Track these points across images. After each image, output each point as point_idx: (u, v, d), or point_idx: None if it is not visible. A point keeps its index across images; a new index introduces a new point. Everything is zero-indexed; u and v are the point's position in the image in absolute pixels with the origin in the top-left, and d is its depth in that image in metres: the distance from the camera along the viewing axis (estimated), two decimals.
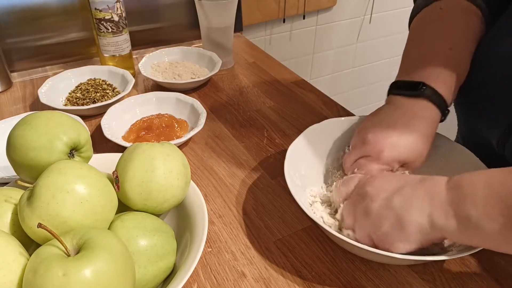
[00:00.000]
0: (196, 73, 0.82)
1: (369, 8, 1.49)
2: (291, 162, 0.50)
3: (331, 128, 0.57)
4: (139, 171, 0.42)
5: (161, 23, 0.96)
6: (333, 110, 0.74)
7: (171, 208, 0.45)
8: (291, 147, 0.52)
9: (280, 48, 1.39)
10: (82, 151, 0.44)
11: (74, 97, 0.73)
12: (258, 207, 0.54)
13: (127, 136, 0.63)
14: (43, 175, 0.37)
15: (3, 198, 0.40)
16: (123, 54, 0.81)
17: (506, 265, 0.46)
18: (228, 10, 0.83)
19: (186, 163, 0.45)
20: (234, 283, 0.44)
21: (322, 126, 0.56)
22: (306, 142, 0.54)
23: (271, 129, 0.69)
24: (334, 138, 0.57)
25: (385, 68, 1.73)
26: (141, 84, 0.82)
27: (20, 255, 0.35)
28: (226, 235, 0.50)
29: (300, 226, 0.51)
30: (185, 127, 0.65)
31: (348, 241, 0.41)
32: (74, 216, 0.36)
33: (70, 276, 0.30)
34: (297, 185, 0.49)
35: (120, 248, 0.35)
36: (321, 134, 0.56)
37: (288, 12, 1.30)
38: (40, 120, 0.42)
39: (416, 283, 0.44)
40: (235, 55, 0.94)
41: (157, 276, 0.40)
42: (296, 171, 0.51)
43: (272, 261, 0.47)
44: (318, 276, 0.45)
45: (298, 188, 0.49)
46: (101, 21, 0.76)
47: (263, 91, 0.80)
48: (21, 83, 0.83)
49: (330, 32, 1.47)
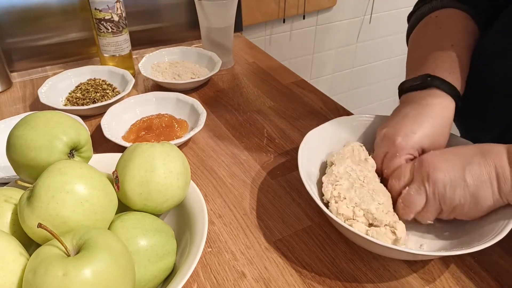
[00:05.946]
0: (196, 73, 0.82)
1: (369, 8, 1.49)
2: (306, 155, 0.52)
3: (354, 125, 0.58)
4: (139, 171, 0.42)
5: (161, 23, 0.96)
6: (333, 110, 0.74)
7: (171, 208, 0.45)
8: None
9: (280, 48, 1.39)
10: (82, 151, 0.44)
11: (74, 97, 0.73)
12: (258, 207, 0.54)
13: (127, 136, 0.63)
14: (43, 175, 0.37)
15: (3, 198, 0.40)
16: (123, 54, 0.81)
17: (506, 265, 0.46)
18: (228, 10, 0.83)
19: (186, 163, 0.45)
20: (234, 283, 0.44)
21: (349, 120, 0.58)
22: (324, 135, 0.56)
23: (271, 129, 0.69)
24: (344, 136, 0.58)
25: (385, 68, 1.73)
26: (141, 84, 0.82)
27: (20, 255, 0.35)
28: (226, 235, 0.50)
29: (300, 226, 0.51)
30: (185, 127, 0.65)
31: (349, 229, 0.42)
32: (74, 216, 0.36)
33: (70, 276, 0.30)
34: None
35: (120, 248, 0.35)
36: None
37: (288, 12, 1.30)
38: (40, 120, 0.42)
39: (416, 283, 0.44)
40: (235, 55, 0.94)
41: (157, 276, 0.40)
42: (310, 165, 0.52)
43: (272, 261, 0.47)
44: (318, 276, 0.45)
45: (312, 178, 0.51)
46: (101, 21, 0.76)
47: (263, 91, 0.80)
48: (21, 83, 0.83)
49: (330, 32, 1.47)
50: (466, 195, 0.43)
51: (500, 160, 0.43)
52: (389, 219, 0.45)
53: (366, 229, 0.45)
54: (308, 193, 0.46)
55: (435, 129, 0.49)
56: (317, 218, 0.52)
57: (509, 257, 0.47)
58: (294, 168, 0.58)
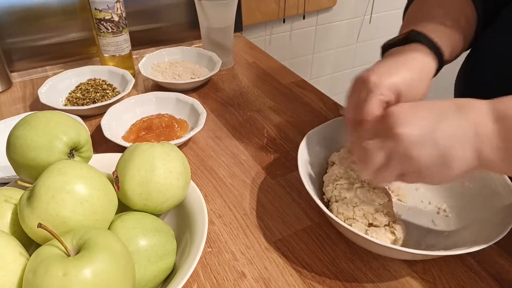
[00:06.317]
0: (196, 73, 0.82)
1: (369, 8, 1.49)
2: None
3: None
4: (139, 171, 0.42)
5: (161, 23, 0.96)
6: (333, 110, 0.74)
7: (171, 208, 0.45)
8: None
9: (280, 48, 1.39)
10: (82, 151, 0.44)
11: (74, 97, 0.73)
12: (258, 207, 0.54)
13: (127, 136, 0.63)
14: (43, 175, 0.37)
15: (3, 198, 0.40)
16: (123, 54, 0.81)
17: (506, 265, 0.46)
18: (228, 10, 0.83)
19: (186, 163, 0.45)
20: (234, 283, 0.44)
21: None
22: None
23: (271, 129, 0.69)
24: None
25: None
26: (141, 84, 0.82)
27: (20, 255, 0.35)
28: (226, 235, 0.50)
29: (300, 226, 0.51)
30: (185, 127, 0.65)
31: (349, 228, 0.42)
32: (74, 216, 0.36)
33: (70, 276, 0.30)
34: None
35: (120, 248, 0.35)
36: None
37: (288, 12, 1.30)
38: (40, 120, 0.42)
39: (416, 283, 0.44)
40: (235, 55, 0.94)
41: (157, 276, 0.40)
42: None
43: (272, 261, 0.47)
44: (318, 276, 0.45)
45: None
46: (101, 21, 0.76)
47: (263, 91, 0.80)
48: (21, 83, 0.83)
49: (330, 32, 1.47)
50: (434, 156, 0.36)
51: (481, 116, 0.36)
52: (389, 220, 0.45)
53: (365, 229, 0.45)
54: (308, 193, 0.46)
55: (414, 77, 0.43)
56: (317, 218, 0.52)
57: (509, 257, 0.47)
58: (294, 168, 0.58)
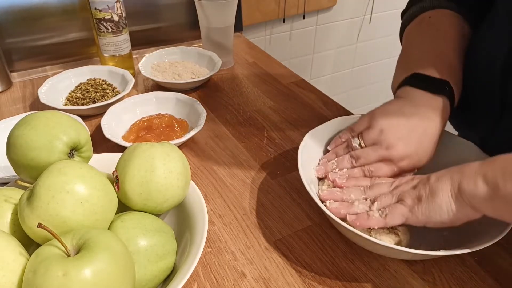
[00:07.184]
0: (196, 73, 0.82)
1: (369, 8, 1.49)
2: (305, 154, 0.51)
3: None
4: (139, 171, 0.42)
5: (161, 23, 0.96)
6: (333, 110, 0.74)
7: (171, 208, 0.45)
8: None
9: (280, 48, 1.39)
10: (82, 151, 0.44)
11: (74, 97, 0.73)
12: (258, 207, 0.54)
13: (127, 136, 0.63)
14: (43, 175, 0.37)
15: (3, 198, 0.40)
16: (123, 54, 0.81)
17: (506, 265, 0.46)
18: (228, 10, 0.83)
19: (186, 163, 0.45)
20: (234, 283, 0.44)
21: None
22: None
23: (271, 129, 0.69)
24: None
25: (385, 68, 1.73)
26: (141, 84, 0.82)
27: (20, 255, 0.35)
28: (226, 235, 0.50)
29: (300, 226, 0.51)
30: (185, 127, 0.65)
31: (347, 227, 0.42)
32: (74, 216, 0.36)
33: (70, 276, 0.30)
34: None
35: (120, 248, 0.35)
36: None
37: (288, 12, 1.30)
38: (40, 120, 0.42)
39: (416, 283, 0.44)
40: (235, 55, 0.94)
41: (157, 276, 0.40)
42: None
43: (272, 261, 0.47)
44: (318, 276, 0.45)
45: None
46: (101, 21, 0.76)
47: (263, 91, 0.80)
48: (21, 83, 0.83)
49: (330, 32, 1.47)
50: (426, 190, 0.42)
51: (472, 164, 0.41)
52: None
53: (368, 229, 0.45)
54: (308, 193, 0.46)
55: (431, 148, 0.49)
56: (317, 218, 0.52)
57: (509, 257, 0.47)
58: (294, 168, 0.58)
